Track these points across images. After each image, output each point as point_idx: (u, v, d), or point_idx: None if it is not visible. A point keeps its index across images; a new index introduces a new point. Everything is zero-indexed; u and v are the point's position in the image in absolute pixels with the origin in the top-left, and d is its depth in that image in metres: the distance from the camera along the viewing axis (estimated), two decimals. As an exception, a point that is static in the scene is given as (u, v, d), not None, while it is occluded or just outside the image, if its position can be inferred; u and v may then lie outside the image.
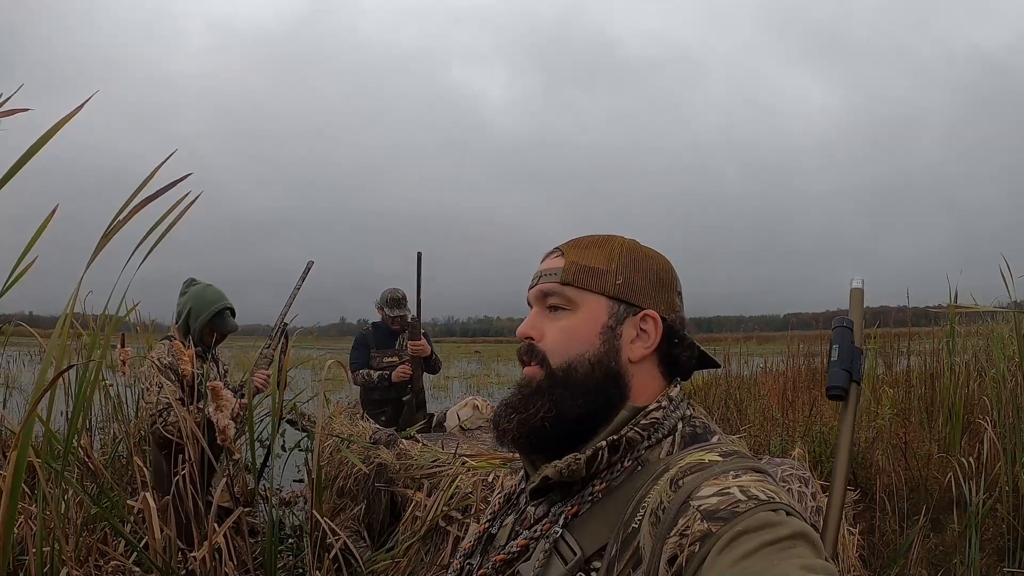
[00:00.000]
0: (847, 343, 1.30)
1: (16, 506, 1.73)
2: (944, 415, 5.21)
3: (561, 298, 1.06)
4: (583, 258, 1.07)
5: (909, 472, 4.80)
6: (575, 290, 1.05)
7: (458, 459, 3.53)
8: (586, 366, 1.02)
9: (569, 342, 1.03)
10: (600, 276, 1.05)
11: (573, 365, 1.02)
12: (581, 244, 1.09)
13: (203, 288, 3.74)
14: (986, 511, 3.87)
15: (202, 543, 2.67)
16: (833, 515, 1.23)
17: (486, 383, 16.41)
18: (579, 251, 1.08)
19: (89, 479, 3.54)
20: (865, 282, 1.42)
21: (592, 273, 1.05)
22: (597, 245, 1.09)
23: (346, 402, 6.23)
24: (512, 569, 1.01)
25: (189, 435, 2.84)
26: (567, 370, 1.02)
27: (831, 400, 1.31)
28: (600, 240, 1.10)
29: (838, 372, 1.27)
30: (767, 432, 5.86)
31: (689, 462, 0.91)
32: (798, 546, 0.74)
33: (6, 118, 1.71)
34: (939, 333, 6.26)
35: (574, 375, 1.02)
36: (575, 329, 1.04)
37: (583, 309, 1.04)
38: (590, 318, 1.04)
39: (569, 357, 1.02)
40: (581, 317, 1.04)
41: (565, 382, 1.01)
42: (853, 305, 1.39)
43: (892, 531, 4.32)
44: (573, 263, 1.06)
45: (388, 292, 5.35)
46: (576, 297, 1.05)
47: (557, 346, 1.04)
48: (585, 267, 1.06)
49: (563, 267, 1.06)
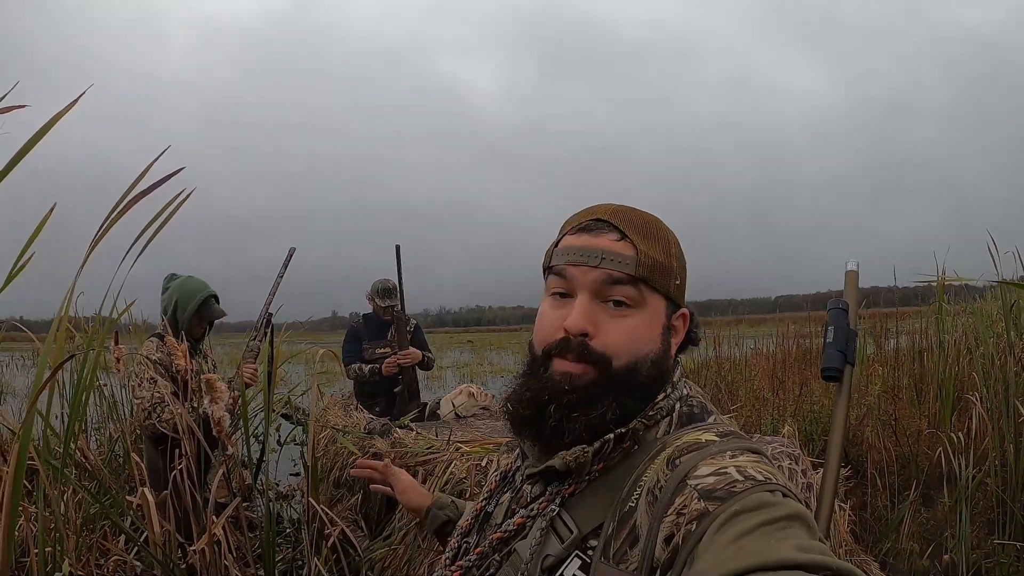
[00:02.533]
0: (842, 325, 1.31)
1: (18, 503, 1.74)
2: (933, 392, 5.25)
3: (632, 293, 0.98)
4: (653, 251, 1.00)
5: (899, 448, 4.84)
6: (648, 288, 0.99)
7: (452, 445, 3.54)
8: (648, 367, 0.98)
9: (635, 343, 0.98)
10: (667, 275, 1.01)
11: (637, 366, 0.97)
12: (640, 228, 1.01)
13: (185, 280, 3.73)
14: (976, 485, 3.90)
15: (201, 536, 2.69)
16: (827, 495, 1.24)
17: (479, 372, 16.39)
18: (644, 240, 1.00)
19: (87, 478, 3.55)
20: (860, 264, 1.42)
21: (663, 271, 1.00)
22: (654, 234, 1.02)
23: (340, 395, 6.24)
24: (509, 547, 1.02)
25: (185, 429, 2.86)
26: (632, 371, 0.97)
27: (826, 381, 1.33)
28: (654, 225, 1.03)
29: (833, 354, 1.28)
30: (758, 412, 5.89)
31: (686, 441, 0.91)
32: (794, 527, 0.74)
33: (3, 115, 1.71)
34: (928, 312, 6.28)
35: (637, 376, 0.97)
36: (642, 330, 0.99)
37: (649, 309, 1.00)
38: (655, 319, 1.00)
39: (635, 359, 0.97)
40: (647, 317, 0.99)
41: (628, 383, 0.97)
42: (848, 287, 1.40)
43: (883, 506, 4.37)
44: (647, 256, 0.99)
45: (379, 282, 5.35)
46: (646, 295, 0.99)
47: (623, 348, 0.97)
48: (657, 263, 0.99)
49: (636, 259, 0.98)
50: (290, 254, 3.73)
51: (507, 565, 1.01)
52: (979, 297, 6.67)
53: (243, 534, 2.98)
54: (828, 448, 1.28)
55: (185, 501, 2.78)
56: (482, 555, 1.05)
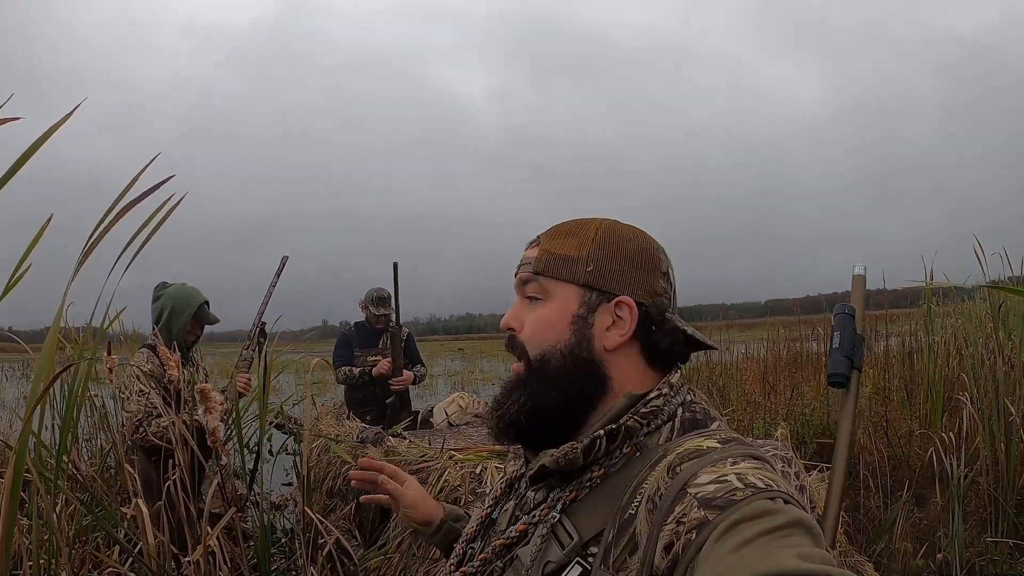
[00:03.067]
0: (849, 330, 1.29)
1: (16, 514, 1.73)
2: (924, 393, 5.27)
3: (535, 288, 1.05)
4: (556, 246, 1.06)
5: (891, 449, 4.85)
6: (548, 280, 1.04)
7: (445, 453, 3.54)
8: (558, 357, 1.01)
9: (543, 333, 1.03)
10: (571, 264, 1.04)
11: (547, 356, 1.02)
12: (557, 232, 1.08)
13: (178, 287, 3.72)
14: (968, 484, 3.92)
15: (195, 547, 2.68)
16: (833, 503, 1.23)
17: (470, 380, 16.36)
18: (553, 239, 1.07)
19: (79, 490, 3.53)
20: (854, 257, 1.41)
21: (563, 261, 1.04)
22: (572, 232, 1.07)
23: (332, 404, 6.24)
24: (511, 553, 1.02)
25: (178, 439, 2.85)
26: (542, 361, 1.02)
27: (832, 387, 1.31)
28: (576, 226, 1.08)
29: (839, 359, 1.27)
30: (750, 415, 5.90)
31: (687, 448, 0.91)
32: (795, 534, 0.73)
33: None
34: (917, 314, 6.31)
35: (547, 366, 1.01)
36: (548, 319, 1.03)
37: (555, 299, 1.04)
38: (561, 308, 1.03)
39: (543, 348, 1.02)
40: (553, 307, 1.04)
41: (540, 374, 1.02)
42: (855, 291, 1.39)
43: (876, 507, 4.38)
44: (545, 252, 1.05)
45: (373, 291, 5.37)
46: (549, 287, 1.04)
47: (532, 337, 1.04)
48: (556, 255, 1.04)
49: (536, 257, 1.06)
50: (283, 263, 3.71)
51: (509, 571, 1.01)
52: (968, 298, 6.71)
53: (237, 544, 2.97)
54: (835, 454, 1.26)
55: (179, 512, 2.77)
56: (485, 561, 1.05)
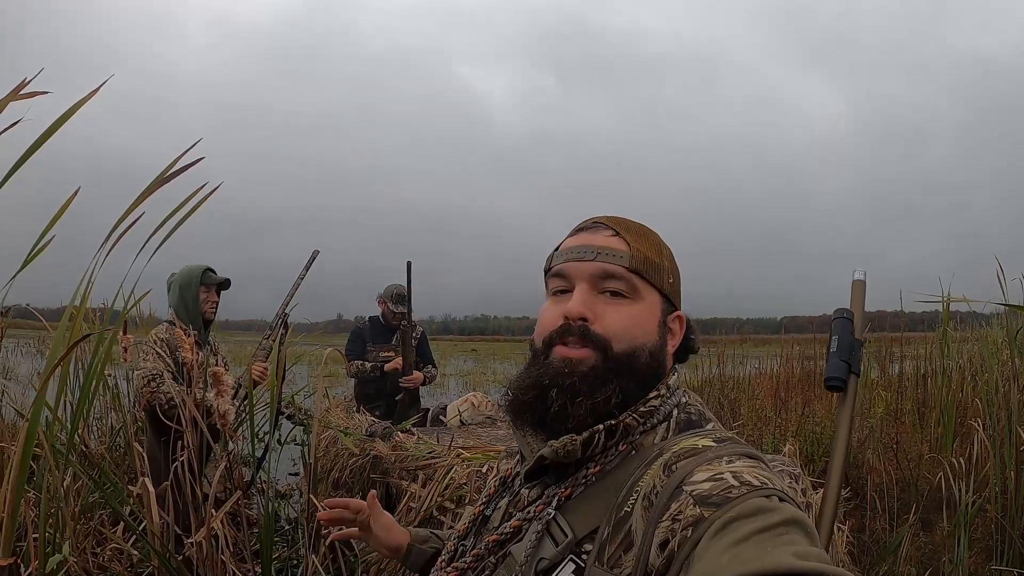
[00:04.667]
0: (847, 334, 1.30)
1: (24, 482, 1.75)
2: (936, 416, 5.23)
3: (626, 285, 1.03)
4: (645, 248, 1.06)
5: (900, 472, 4.82)
6: (641, 280, 1.04)
7: (453, 451, 3.54)
8: (646, 356, 1.02)
9: (634, 330, 1.02)
10: (660, 272, 1.06)
11: (636, 352, 1.01)
12: (633, 230, 1.08)
13: (182, 268, 3.87)
14: (975, 511, 3.88)
15: (199, 529, 2.69)
16: (829, 505, 1.23)
17: (482, 381, 16.35)
18: (637, 239, 1.06)
19: (88, 466, 3.56)
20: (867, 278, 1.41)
21: (655, 267, 1.05)
22: (647, 236, 1.09)
23: (342, 397, 6.25)
24: (504, 550, 1.02)
25: (188, 420, 2.86)
26: (631, 357, 1.01)
27: (829, 391, 1.31)
28: (646, 230, 1.10)
29: (837, 363, 1.27)
30: (760, 430, 5.88)
31: (683, 447, 0.92)
32: (791, 532, 0.74)
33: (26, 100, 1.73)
34: (933, 337, 6.26)
35: (636, 363, 1.01)
36: (640, 319, 1.03)
37: (646, 301, 1.04)
38: (651, 311, 1.05)
39: (634, 344, 1.01)
40: (644, 308, 1.04)
41: (628, 369, 1.00)
42: (854, 297, 1.39)
43: (882, 529, 4.34)
44: (640, 252, 1.05)
45: (393, 287, 5.36)
46: (641, 287, 1.04)
47: (622, 333, 1.01)
48: (649, 259, 1.05)
49: (629, 253, 1.04)
50: (313, 257, 3.74)
51: (502, 567, 1.02)
52: (985, 324, 6.66)
53: (241, 530, 2.98)
54: (831, 458, 1.27)
55: (185, 493, 2.79)
56: (478, 557, 1.05)
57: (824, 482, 1.29)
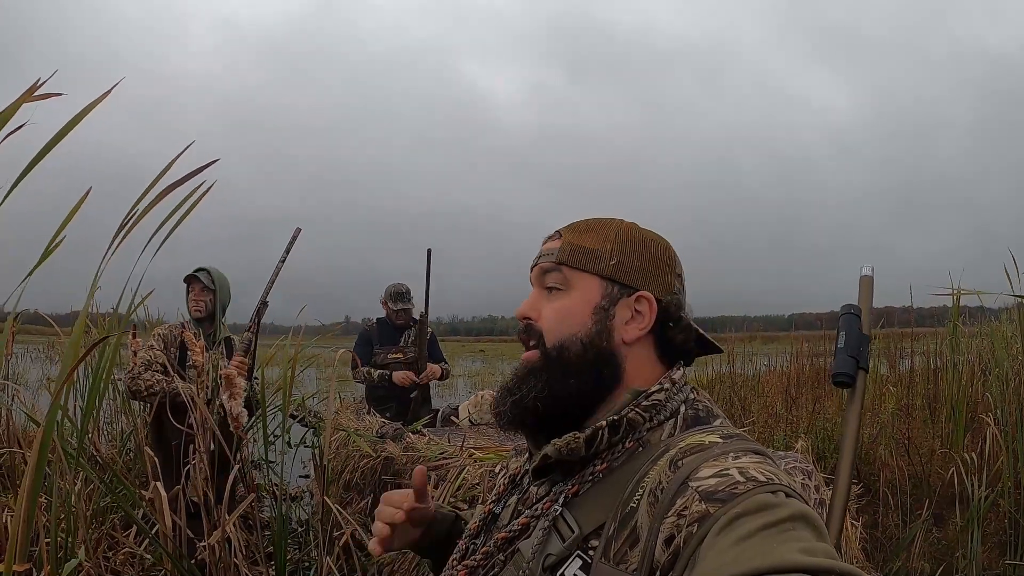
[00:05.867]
0: (854, 330, 1.29)
1: (39, 489, 1.75)
2: (947, 412, 5.21)
3: (557, 278, 1.06)
4: (579, 239, 1.07)
5: (912, 467, 4.80)
6: (570, 270, 1.05)
7: (465, 451, 3.55)
8: (578, 346, 1.02)
9: (563, 322, 1.04)
10: (595, 256, 1.06)
11: (565, 345, 1.03)
12: (579, 226, 1.10)
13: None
14: (988, 506, 3.88)
15: (212, 533, 2.69)
16: (839, 501, 1.22)
17: (490, 381, 16.35)
18: (576, 233, 1.09)
19: (100, 471, 3.57)
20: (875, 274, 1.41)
21: (587, 253, 1.06)
22: (594, 227, 1.10)
23: (352, 399, 6.24)
24: (513, 547, 1.02)
25: (199, 419, 2.86)
26: (560, 349, 1.03)
27: (837, 387, 1.30)
28: (598, 222, 1.11)
29: (844, 359, 1.26)
30: (771, 428, 5.87)
31: (689, 443, 0.91)
32: (797, 528, 0.74)
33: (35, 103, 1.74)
34: (943, 332, 6.24)
35: (566, 355, 1.02)
36: (569, 309, 1.04)
37: (577, 289, 1.05)
38: (583, 298, 1.05)
39: (562, 337, 1.03)
40: (575, 297, 1.05)
41: (558, 362, 1.02)
42: (862, 292, 1.39)
43: (895, 525, 4.33)
44: (569, 243, 1.07)
45: (392, 286, 5.36)
46: (571, 277, 1.05)
47: (552, 326, 1.05)
48: (580, 247, 1.06)
49: (559, 248, 1.07)
50: (294, 235, 3.60)
51: (511, 564, 1.02)
52: (995, 319, 6.64)
53: (253, 533, 2.99)
54: (840, 454, 1.26)
55: (199, 494, 2.79)
56: (487, 555, 1.05)
57: (833, 478, 1.28)
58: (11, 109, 1.73)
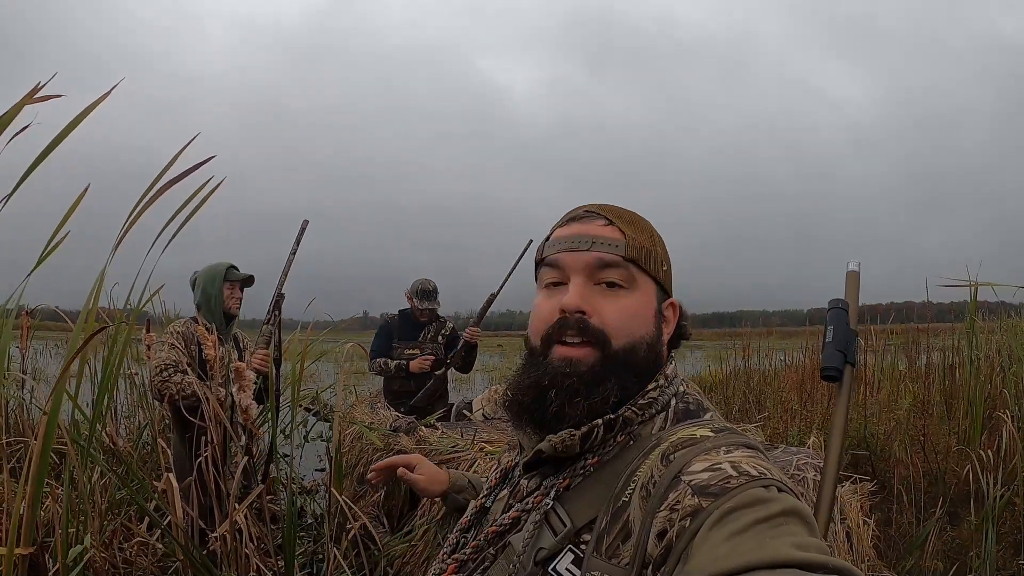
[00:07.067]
0: (842, 325, 1.31)
1: (44, 478, 1.77)
2: (964, 408, 5.17)
3: (624, 274, 1.01)
4: (639, 236, 1.04)
5: (927, 464, 4.77)
6: (638, 269, 1.02)
7: (476, 445, 3.56)
8: (644, 348, 1.00)
9: (632, 323, 1.00)
10: (655, 260, 1.04)
11: (635, 347, 1.00)
12: (625, 218, 1.06)
13: (206, 267, 3.98)
14: (1003, 504, 3.84)
15: (223, 522, 2.71)
16: (826, 496, 1.23)
17: (507, 376, 16.38)
18: (631, 227, 1.04)
19: (115, 463, 3.60)
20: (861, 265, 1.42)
21: (650, 256, 1.03)
22: (639, 223, 1.06)
23: (368, 393, 6.26)
24: (503, 540, 1.03)
25: (211, 412, 2.88)
26: (630, 351, 0.99)
27: (825, 381, 1.32)
28: (637, 218, 1.08)
29: (833, 353, 1.28)
30: (785, 423, 5.85)
31: (681, 437, 0.92)
32: (790, 523, 0.74)
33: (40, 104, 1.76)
34: (960, 328, 6.19)
35: (635, 357, 0.99)
36: (637, 310, 1.01)
37: (641, 290, 1.02)
38: (647, 301, 1.03)
39: (633, 339, 1.00)
40: (640, 298, 1.02)
41: (627, 364, 0.99)
42: (849, 288, 1.41)
43: (908, 523, 4.30)
44: (635, 240, 1.03)
45: (419, 283, 5.32)
46: (637, 276, 1.02)
47: (621, 327, 0.99)
48: (644, 247, 1.03)
49: (624, 242, 1.02)
50: (303, 228, 3.55)
51: (502, 558, 1.02)
52: (1014, 314, 6.58)
53: (265, 524, 3.01)
54: (827, 449, 1.29)
55: (210, 486, 2.81)
56: (477, 548, 1.06)
57: (821, 470, 1.30)
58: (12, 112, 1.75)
